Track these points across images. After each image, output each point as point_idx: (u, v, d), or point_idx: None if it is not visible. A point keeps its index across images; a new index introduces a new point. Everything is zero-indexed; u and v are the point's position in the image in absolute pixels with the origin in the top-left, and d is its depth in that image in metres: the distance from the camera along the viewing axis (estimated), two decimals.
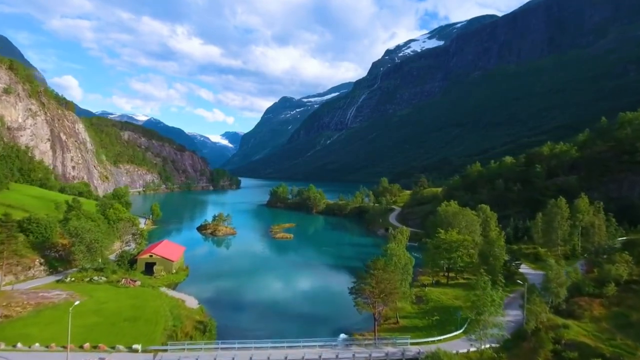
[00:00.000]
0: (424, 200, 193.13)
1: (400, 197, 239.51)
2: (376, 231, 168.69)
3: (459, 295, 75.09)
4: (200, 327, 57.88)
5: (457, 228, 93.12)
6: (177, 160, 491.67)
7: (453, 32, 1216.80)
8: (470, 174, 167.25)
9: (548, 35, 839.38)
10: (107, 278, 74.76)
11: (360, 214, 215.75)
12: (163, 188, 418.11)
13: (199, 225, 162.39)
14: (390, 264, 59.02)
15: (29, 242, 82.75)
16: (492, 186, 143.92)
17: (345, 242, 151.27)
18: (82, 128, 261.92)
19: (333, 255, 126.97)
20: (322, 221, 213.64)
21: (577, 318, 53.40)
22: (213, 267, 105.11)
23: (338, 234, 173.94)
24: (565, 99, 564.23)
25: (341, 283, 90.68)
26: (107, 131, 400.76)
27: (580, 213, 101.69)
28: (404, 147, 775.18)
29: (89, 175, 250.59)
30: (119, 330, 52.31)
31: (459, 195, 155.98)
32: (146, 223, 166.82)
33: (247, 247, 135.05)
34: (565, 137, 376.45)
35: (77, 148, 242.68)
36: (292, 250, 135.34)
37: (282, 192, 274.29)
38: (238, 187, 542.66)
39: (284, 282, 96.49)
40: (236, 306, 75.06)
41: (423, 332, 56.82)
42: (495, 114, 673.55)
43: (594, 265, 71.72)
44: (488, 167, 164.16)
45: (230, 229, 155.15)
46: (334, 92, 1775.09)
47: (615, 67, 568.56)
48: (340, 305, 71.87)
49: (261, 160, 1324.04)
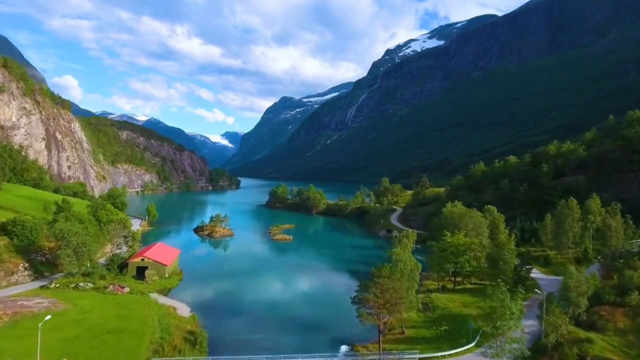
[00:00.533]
0: (426, 200, 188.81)
1: (402, 197, 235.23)
2: (377, 232, 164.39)
3: (467, 302, 70.83)
4: (190, 338, 53.50)
5: (463, 230, 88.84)
6: (176, 160, 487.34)
7: (453, 32, 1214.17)
8: (474, 174, 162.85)
9: (548, 35, 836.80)
10: (94, 284, 70.41)
11: (361, 215, 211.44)
12: (162, 188, 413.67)
13: (196, 227, 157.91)
14: (396, 271, 54.68)
15: (13, 245, 78.45)
16: (497, 186, 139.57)
17: (346, 244, 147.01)
18: (79, 127, 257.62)
19: (333, 257, 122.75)
20: (322, 222, 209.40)
21: (600, 330, 49.14)
22: (208, 270, 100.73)
23: (338, 235, 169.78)
24: (566, 99, 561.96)
25: (342, 288, 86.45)
26: (105, 131, 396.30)
27: (591, 214, 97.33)
28: (404, 147, 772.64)
29: (85, 175, 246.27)
30: (100, 343, 47.96)
31: (463, 195, 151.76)
32: (142, 224, 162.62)
33: (245, 249, 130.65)
34: (565, 137, 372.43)
35: (73, 147, 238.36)
36: (291, 252, 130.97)
37: (281, 192, 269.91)
38: (237, 187, 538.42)
39: (282, 286, 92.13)
40: (231, 313, 70.71)
41: (431, 345, 52.49)
42: (496, 114, 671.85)
43: (612, 271, 67.43)
44: (492, 166, 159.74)
45: (228, 230, 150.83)
46: (334, 92, 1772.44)
47: (616, 67, 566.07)
48: (341, 313, 67.46)
49: (261, 160, 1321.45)
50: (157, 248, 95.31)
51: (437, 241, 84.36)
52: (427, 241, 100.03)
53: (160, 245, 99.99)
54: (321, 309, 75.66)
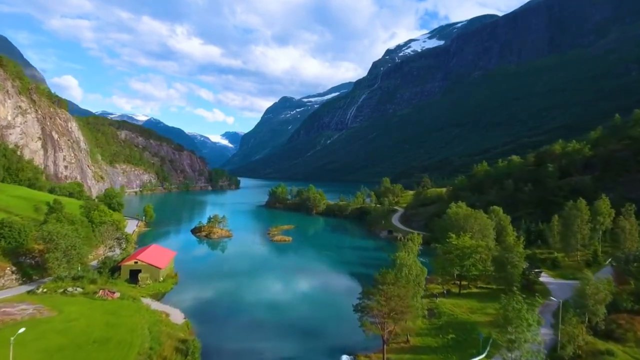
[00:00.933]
0: (427, 201, 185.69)
1: (403, 197, 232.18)
2: (378, 233, 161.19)
3: (474, 308, 67.64)
4: (182, 348, 50.27)
5: (469, 232, 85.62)
6: (176, 160, 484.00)
7: (453, 32, 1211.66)
8: (476, 174, 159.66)
9: (549, 35, 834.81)
10: (84, 289, 67.20)
11: (362, 215, 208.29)
12: (160, 188, 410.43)
13: (193, 228, 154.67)
14: (401, 277, 51.49)
15: (0, 247, 75.31)
16: (501, 186, 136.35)
17: (347, 245, 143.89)
18: (76, 127, 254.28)
19: (334, 259, 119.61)
20: (322, 222, 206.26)
21: (619, 341, 46.00)
22: (205, 273, 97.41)
23: (339, 236, 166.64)
24: (566, 99, 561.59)
25: (343, 292, 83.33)
26: (103, 130, 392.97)
27: (600, 215, 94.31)
28: (404, 147, 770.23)
29: (83, 175, 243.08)
30: (85, 355, 44.76)
31: (465, 196, 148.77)
32: (138, 225, 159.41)
33: (243, 251, 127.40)
34: (567, 136, 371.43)
35: (70, 147, 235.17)
36: (291, 254, 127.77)
37: (281, 192, 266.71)
38: (237, 187, 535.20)
39: (281, 290, 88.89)
40: (227, 319, 67.53)
41: (439, 356, 49.27)
42: (496, 114, 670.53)
43: (626, 275, 64.28)
44: (495, 166, 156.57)
45: (226, 232, 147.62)
46: (334, 92, 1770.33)
47: (617, 67, 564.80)
48: (343, 318, 64.25)
49: (261, 160, 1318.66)
50: (151, 250, 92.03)
51: (442, 243, 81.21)
52: (430, 243, 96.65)
53: (154, 248, 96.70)
54: (321, 314, 72.47)
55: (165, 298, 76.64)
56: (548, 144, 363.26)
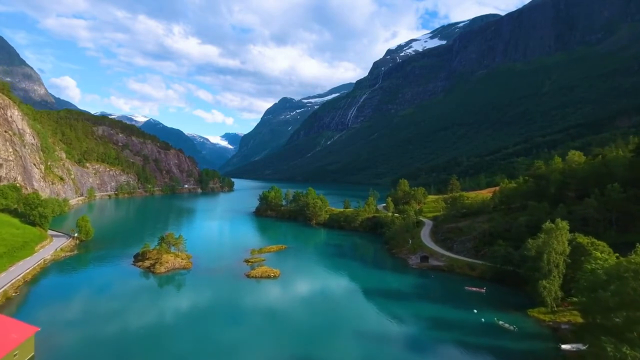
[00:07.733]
0: (467, 210, 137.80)
1: (426, 204, 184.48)
2: (406, 259, 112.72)
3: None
4: None
5: None
6: (161, 159, 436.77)
7: (455, 32, 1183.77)
8: (549, 175, 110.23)
9: (555, 33, 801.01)
10: None
11: (375, 227, 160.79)
12: (140, 191, 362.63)
13: (137, 253, 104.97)
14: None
15: None
16: (602, 192, 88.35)
17: (363, 285, 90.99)
18: (19, 116, 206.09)
19: (347, 327, 67.32)
20: (324, 237, 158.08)
21: None
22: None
23: (348, 263, 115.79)
24: (579, 97, 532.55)
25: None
26: (73, 125, 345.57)
27: None
28: (407, 148, 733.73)
29: (26, 175, 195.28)
30: None
31: (534, 207, 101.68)
32: (61, 247, 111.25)
33: (192, 307, 73.48)
34: (584, 135, 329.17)
35: (8, 141, 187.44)
36: (271, 310, 73.91)
37: (273, 197, 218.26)
38: (230, 189, 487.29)
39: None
40: None
41: None
42: (504, 112, 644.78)
43: None
44: (591, 162, 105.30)
45: (182, 260, 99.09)
46: (335, 93, 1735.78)
47: (630, 64, 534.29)
48: None
49: (261, 161, 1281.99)
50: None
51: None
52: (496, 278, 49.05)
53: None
54: None
55: None
56: (564, 143, 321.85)
